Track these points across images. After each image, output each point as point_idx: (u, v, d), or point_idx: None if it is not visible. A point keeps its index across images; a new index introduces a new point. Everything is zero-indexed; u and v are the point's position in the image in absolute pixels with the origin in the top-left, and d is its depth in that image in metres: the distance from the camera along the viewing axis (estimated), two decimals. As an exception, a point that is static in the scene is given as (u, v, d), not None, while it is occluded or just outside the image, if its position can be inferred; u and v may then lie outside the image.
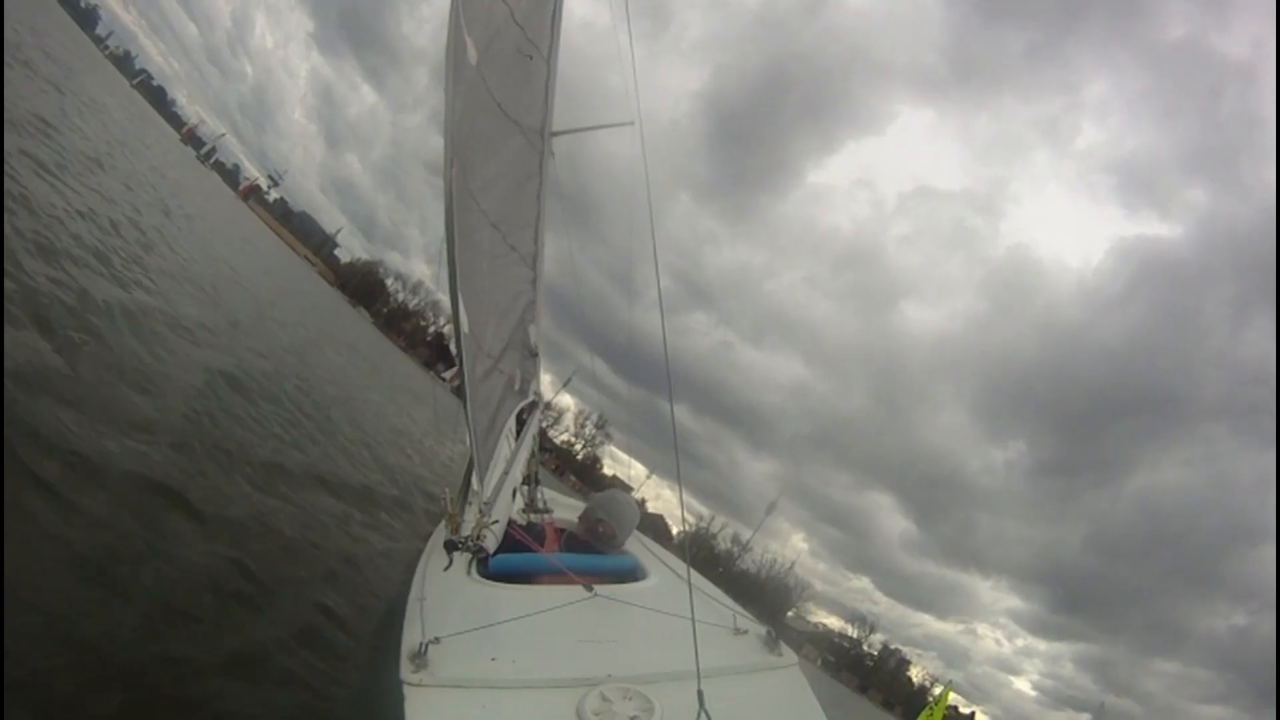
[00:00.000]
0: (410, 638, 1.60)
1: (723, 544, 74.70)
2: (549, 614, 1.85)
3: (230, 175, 70.22)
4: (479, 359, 2.41)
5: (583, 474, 72.67)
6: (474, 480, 2.16)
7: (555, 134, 3.51)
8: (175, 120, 57.75)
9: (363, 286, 74.86)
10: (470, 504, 2.05)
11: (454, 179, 1.67)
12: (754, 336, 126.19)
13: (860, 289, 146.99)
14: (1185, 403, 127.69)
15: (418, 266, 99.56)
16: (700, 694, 1.39)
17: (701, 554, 70.73)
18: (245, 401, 5.28)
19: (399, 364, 34.69)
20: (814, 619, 76.98)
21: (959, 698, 62.61)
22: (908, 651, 79.88)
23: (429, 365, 68.55)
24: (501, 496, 2.15)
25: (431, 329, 78.96)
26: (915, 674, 75.42)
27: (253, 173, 79.25)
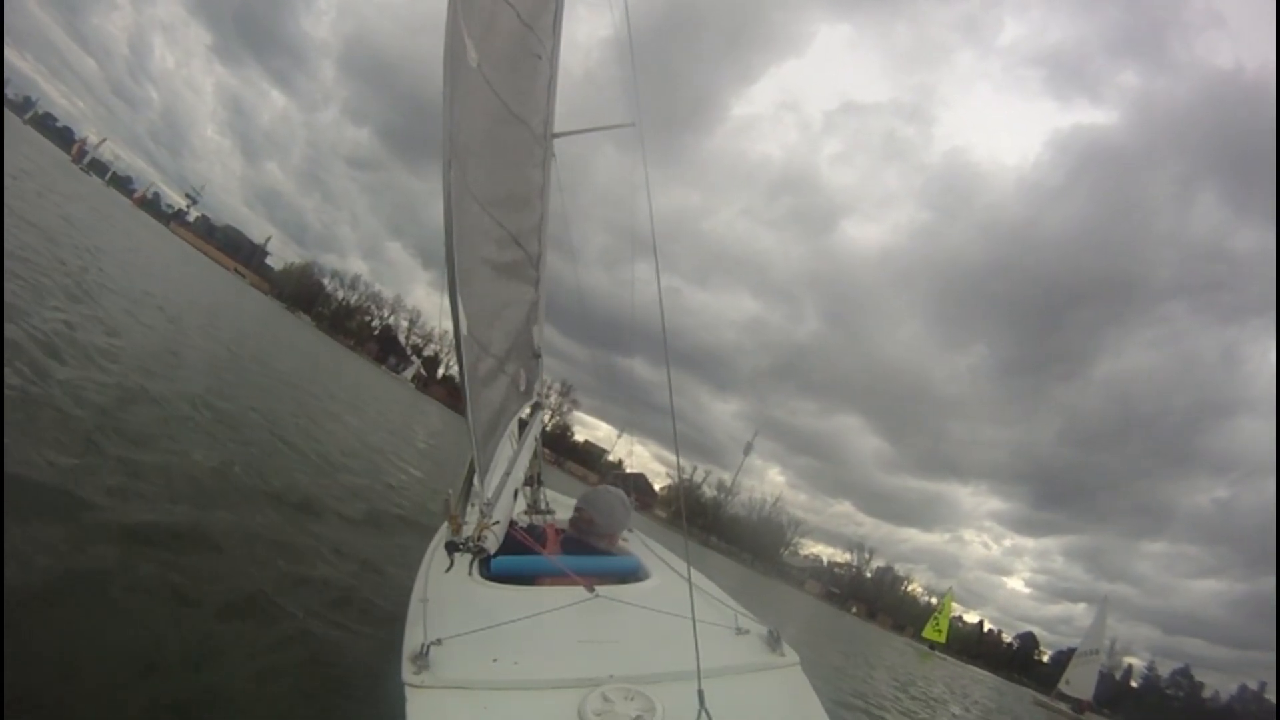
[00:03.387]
0: (412, 639, 1.61)
1: (709, 491, 75.91)
2: (551, 615, 1.86)
3: (123, 184, 69.17)
4: (483, 359, 2.41)
5: (555, 445, 71.93)
6: (475, 481, 2.16)
7: (556, 135, 3.52)
8: (82, 157, 56.48)
9: (299, 291, 73.86)
10: (472, 505, 2.06)
11: (453, 181, 1.68)
12: (699, 278, 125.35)
13: (799, 214, 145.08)
14: (1141, 285, 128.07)
15: (354, 263, 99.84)
16: (700, 694, 1.40)
17: (690, 506, 71.26)
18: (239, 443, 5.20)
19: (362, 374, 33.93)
20: (805, 552, 78.48)
21: (958, 606, 63.20)
22: (900, 568, 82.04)
23: (380, 360, 68.34)
24: (503, 498, 2.15)
25: (376, 323, 78.69)
26: (912, 590, 76.86)
27: (175, 199, 78.18)
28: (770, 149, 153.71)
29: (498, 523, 1.97)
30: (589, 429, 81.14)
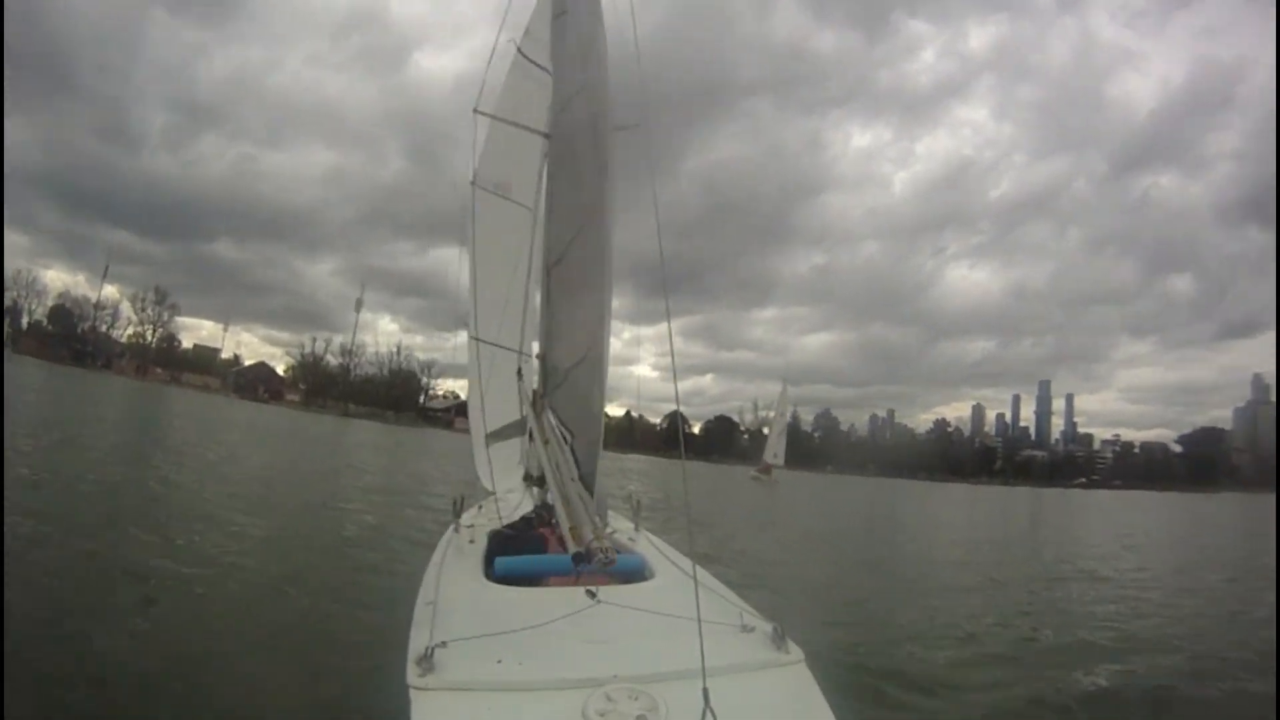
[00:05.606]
0: (417, 641, 1.63)
1: (334, 359, 72.26)
2: (555, 616, 1.87)
3: None
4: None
5: (165, 360, 65.62)
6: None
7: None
8: None
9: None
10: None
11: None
12: (271, 140, 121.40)
13: (368, 52, 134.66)
14: (723, 85, 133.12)
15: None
16: (705, 692, 1.40)
17: (317, 381, 68.01)
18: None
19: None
20: (442, 392, 76.75)
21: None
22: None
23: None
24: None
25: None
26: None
27: None
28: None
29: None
30: (192, 331, 75.87)
